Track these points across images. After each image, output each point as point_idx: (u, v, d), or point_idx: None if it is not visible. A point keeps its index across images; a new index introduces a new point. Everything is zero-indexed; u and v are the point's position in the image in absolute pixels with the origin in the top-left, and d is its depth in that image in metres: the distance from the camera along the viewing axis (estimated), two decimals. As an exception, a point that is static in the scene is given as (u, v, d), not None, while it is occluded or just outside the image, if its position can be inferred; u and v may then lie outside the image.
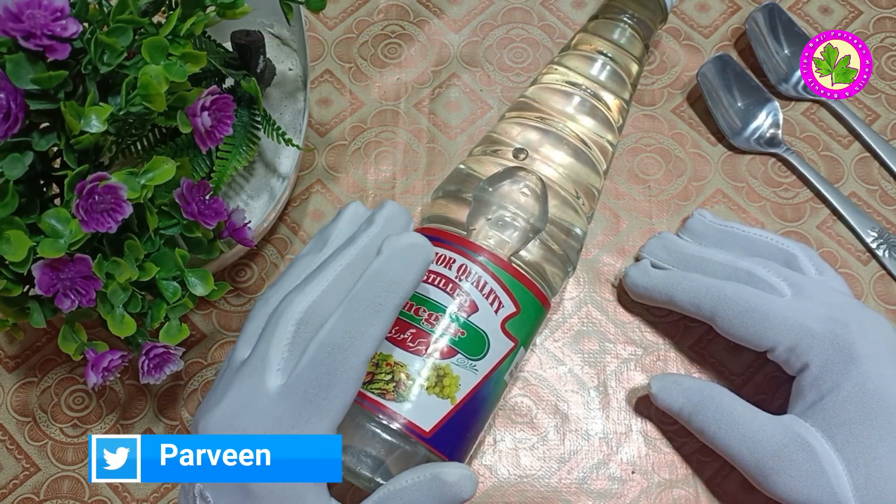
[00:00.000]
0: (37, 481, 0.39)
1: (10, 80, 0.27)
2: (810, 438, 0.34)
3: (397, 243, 0.30)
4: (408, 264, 0.30)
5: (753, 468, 0.35)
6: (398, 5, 0.50)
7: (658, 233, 0.43)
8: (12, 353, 0.42)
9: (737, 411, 0.36)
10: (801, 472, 0.34)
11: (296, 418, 0.29)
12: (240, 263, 0.44)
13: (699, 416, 0.36)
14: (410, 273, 0.30)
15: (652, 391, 0.38)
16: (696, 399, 0.37)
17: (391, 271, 0.30)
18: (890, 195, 0.45)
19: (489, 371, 0.34)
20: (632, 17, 0.43)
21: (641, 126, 0.47)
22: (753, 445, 0.35)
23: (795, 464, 0.34)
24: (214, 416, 0.30)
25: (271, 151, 0.43)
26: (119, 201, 0.29)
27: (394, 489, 0.30)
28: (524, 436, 0.40)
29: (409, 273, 0.30)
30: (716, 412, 0.36)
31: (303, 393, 0.29)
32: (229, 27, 0.40)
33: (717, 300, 0.37)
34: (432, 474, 0.30)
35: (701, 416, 0.36)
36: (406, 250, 0.30)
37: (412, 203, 0.45)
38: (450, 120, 0.47)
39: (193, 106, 0.31)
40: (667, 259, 0.41)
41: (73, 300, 0.30)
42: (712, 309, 0.37)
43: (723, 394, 0.37)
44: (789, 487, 0.34)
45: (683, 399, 0.37)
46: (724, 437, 0.35)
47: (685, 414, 0.37)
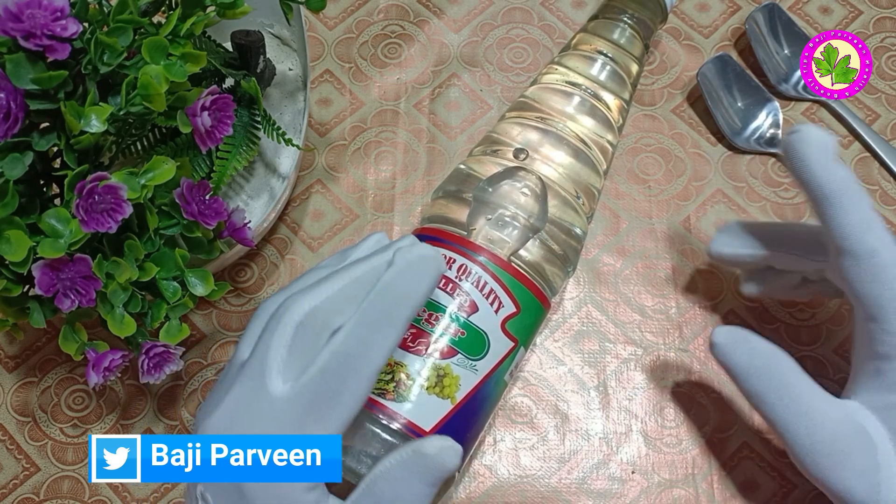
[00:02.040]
0: (37, 481, 0.39)
1: (10, 80, 0.27)
2: (874, 433, 0.33)
3: (410, 254, 0.30)
4: (420, 276, 0.30)
5: (805, 448, 0.33)
6: (398, 5, 0.50)
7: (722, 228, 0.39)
8: (12, 353, 0.42)
9: (800, 385, 0.34)
10: (856, 465, 0.32)
11: (298, 424, 0.29)
12: (240, 263, 0.44)
13: (759, 380, 0.34)
14: (423, 285, 0.30)
15: (715, 341, 0.35)
16: (761, 363, 0.34)
17: (404, 283, 0.30)
18: (890, 195, 0.45)
19: (489, 371, 0.34)
20: (632, 17, 0.43)
21: (641, 126, 0.47)
22: (812, 426, 0.33)
23: (852, 455, 0.32)
24: (214, 418, 0.30)
25: (271, 151, 0.43)
26: (119, 201, 0.29)
27: (378, 473, 0.30)
28: (524, 436, 0.40)
29: (422, 285, 0.30)
30: (779, 381, 0.33)
31: (310, 400, 0.29)
32: (229, 27, 0.40)
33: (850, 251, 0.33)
34: (413, 450, 0.30)
35: (762, 380, 0.34)
36: (418, 262, 0.30)
37: (412, 203, 0.45)
38: (450, 120, 0.47)
39: (193, 106, 0.31)
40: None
41: (73, 300, 0.30)
42: (840, 254, 0.33)
43: (790, 364, 0.34)
44: (838, 477, 0.32)
45: (747, 358, 0.34)
46: (783, 409, 0.33)
47: (743, 374, 0.34)
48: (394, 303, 0.29)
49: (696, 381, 0.41)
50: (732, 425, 0.40)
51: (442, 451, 0.29)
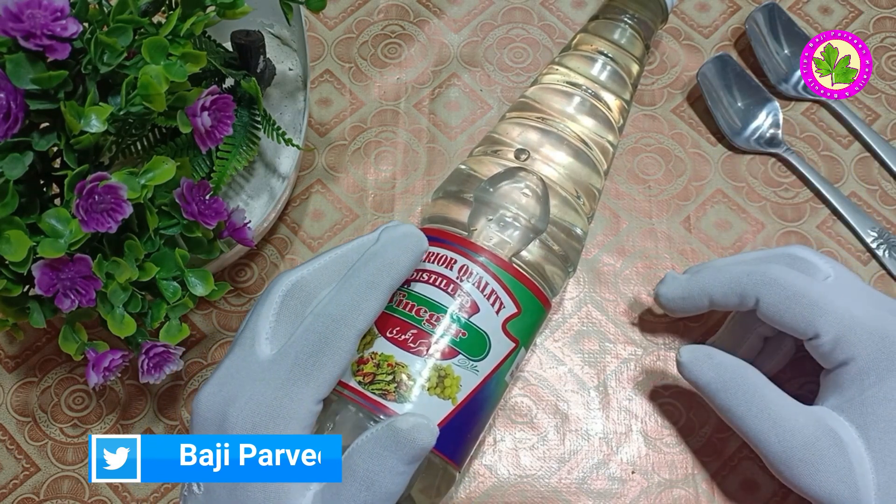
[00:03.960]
0: (37, 481, 0.39)
1: (10, 80, 0.27)
2: (843, 434, 0.33)
3: (395, 231, 0.33)
4: (403, 250, 0.32)
5: (779, 457, 0.33)
6: (398, 5, 0.50)
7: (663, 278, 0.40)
8: (12, 353, 0.42)
9: (768, 396, 0.34)
10: (829, 468, 0.33)
11: (282, 381, 0.30)
12: (240, 263, 0.44)
13: (727, 394, 0.34)
14: (405, 257, 0.32)
15: (680, 360, 0.36)
16: (728, 377, 0.35)
17: (387, 254, 0.32)
18: (890, 195, 0.45)
19: (490, 372, 0.34)
20: (632, 17, 0.43)
21: (641, 126, 0.47)
22: (783, 434, 0.33)
23: (825, 459, 0.33)
24: (207, 385, 0.32)
25: (271, 151, 0.43)
26: (119, 201, 0.29)
27: (354, 447, 0.30)
28: (524, 436, 0.40)
29: (404, 257, 0.32)
30: (746, 393, 0.34)
31: (293, 358, 0.30)
32: (229, 27, 0.40)
33: (761, 284, 0.35)
34: (387, 425, 0.30)
35: (729, 395, 0.34)
36: (402, 238, 0.32)
37: (412, 203, 0.45)
38: (450, 120, 0.47)
39: (193, 106, 0.31)
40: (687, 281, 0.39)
41: (73, 300, 0.30)
42: (756, 294, 0.35)
43: (755, 375, 0.35)
44: (814, 481, 0.33)
45: (713, 374, 0.35)
46: (753, 420, 0.34)
47: (711, 390, 0.35)
48: (377, 270, 0.32)
49: (697, 382, 0.41)
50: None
51: (415, 427, 0.30)
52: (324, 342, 0.30)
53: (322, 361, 0.30)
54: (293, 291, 0.32)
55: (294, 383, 0.30)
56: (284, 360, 0.30)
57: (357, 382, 0.33)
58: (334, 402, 0.33)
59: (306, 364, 0.30)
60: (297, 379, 0.30)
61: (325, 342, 0.30)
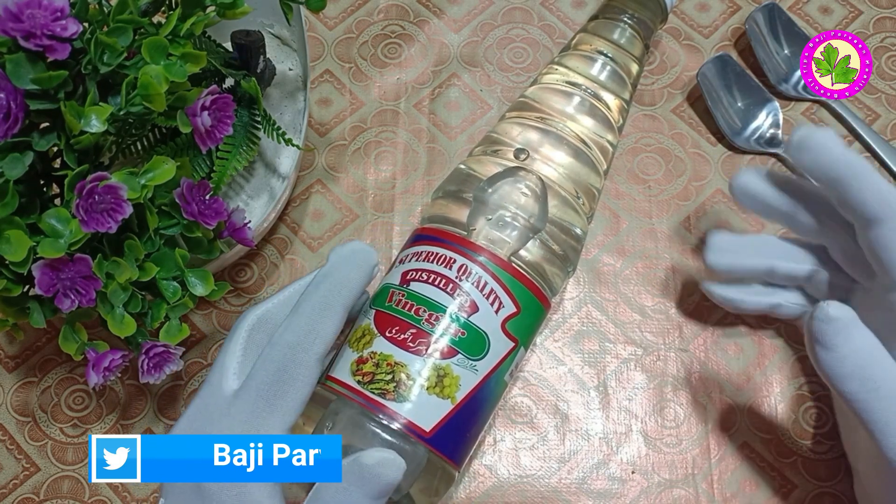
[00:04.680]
0: (37, 481, 0.39)
1: (10, 80, 0.27)
2: None
3: (342, 250, 0.33)
4: (353, 266, 0.32)
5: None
6: (398, 5, 0.50)
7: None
8: (12, 353, 0.42)
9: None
10: None
11: (249, 415, 0.30)
12: (240, 263, 0.44)
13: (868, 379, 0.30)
14: (356, 273, 0.32)
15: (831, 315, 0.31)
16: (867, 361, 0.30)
17: (338, 273, 0.32)
18: (890, 195, 0.45)
19: (489, 371, 0.34)
20: (632, 17, 0.43)
21: (641, 126, 0.47)
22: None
23: None
24: (177, 424, 0.32)
25: (271, 151, 0.43)
26: (119, 201, 0.29)
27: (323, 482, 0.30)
28: (524, 436, 0.40)
29: (355, 273, 0.32)
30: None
31: (255, 390, 0.30)
32: (229, 27, 0.40)
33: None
34: (353, 460, 0.30)
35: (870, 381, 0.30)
36: (350, 255, 0.33)
37: (412, 203, 0.45)
38: (450, 120, 0.47)
39: (193, 106, 0.31)
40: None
41: (73, 300, 0.30)
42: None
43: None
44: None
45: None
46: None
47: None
48: (329, 291, 0.32)
49: (696, 381, 0.41)
50: (732, 425, 0.40)
51: (380, 463, 0.29)
52: (283, 371, 0.30)
53: (284, 390, 0.30)
54: (259, 325, 0.33)
55: (258, 416, 0.30)
56: (248, 393, 0.30)
57: (356, 382, 0.33)
58: (334, 401, 0.33)
59: (268, 395, 0.30)
60: (261, 411, 0.30)
61: (284, 371, 0.30)
